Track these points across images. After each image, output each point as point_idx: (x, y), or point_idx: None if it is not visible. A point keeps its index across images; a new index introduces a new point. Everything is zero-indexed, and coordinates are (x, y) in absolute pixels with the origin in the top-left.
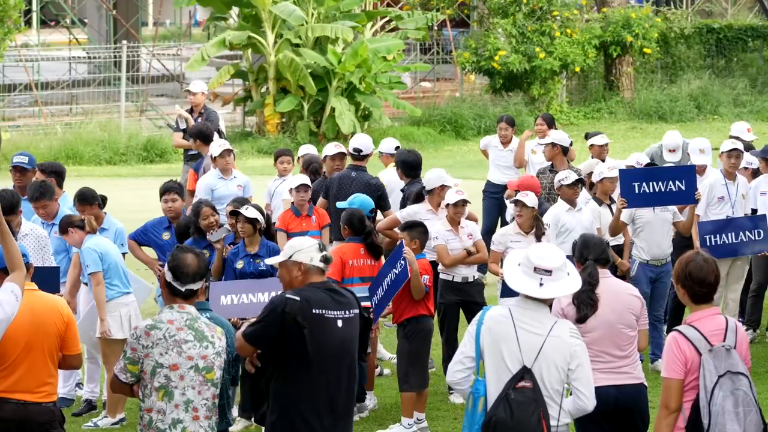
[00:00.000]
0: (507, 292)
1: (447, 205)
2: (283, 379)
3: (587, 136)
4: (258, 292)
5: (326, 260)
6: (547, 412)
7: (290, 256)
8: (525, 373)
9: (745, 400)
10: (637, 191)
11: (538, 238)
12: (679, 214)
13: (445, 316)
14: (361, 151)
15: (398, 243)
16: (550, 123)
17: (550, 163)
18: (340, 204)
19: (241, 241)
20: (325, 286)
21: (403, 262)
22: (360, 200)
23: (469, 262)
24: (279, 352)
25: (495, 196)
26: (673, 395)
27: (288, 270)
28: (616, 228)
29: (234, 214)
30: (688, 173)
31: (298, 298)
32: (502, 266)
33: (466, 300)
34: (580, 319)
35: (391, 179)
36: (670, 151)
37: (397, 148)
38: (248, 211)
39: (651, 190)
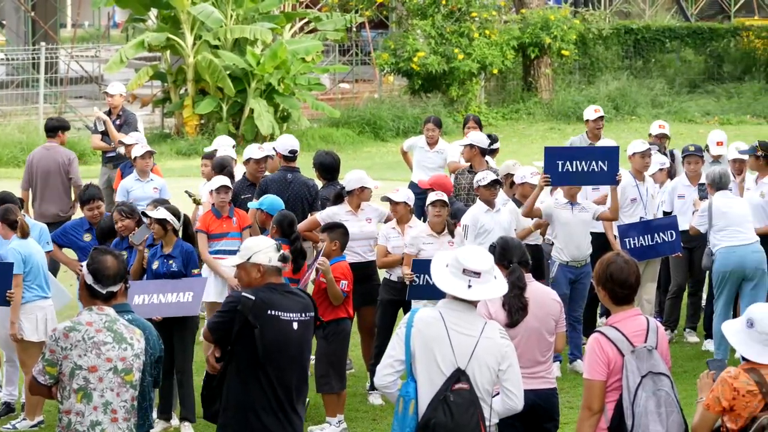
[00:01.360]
0: (414, 294)
1: (395, 204)
2: (236, 378)
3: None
4: (169, 293)
5: (284, 260)
6: (482, 413)
7: (249, 258)
8: (460, 374)
9: (667, 401)
10: (560, 169)
11: (452, 235)
12: (601, 208)
13: (382, 315)
14: (297, 151)
15: (315, 252)
16: (479, 125)
17: (469, 164)
18: (251, 204)
19: (159, 242)
20: (284, 287)
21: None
22: (270, 201)
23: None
24: (232, 350)
25: (420, 197)
26: (596, 396)
27: (246, 271)
28: (530, 208)
29: (145, 215)
30: (612, 154)
31: (252, 298)
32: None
33: (403, 299)
34: (511, 324)
35: None
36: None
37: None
38: (156, 212)
39: (574, 169)
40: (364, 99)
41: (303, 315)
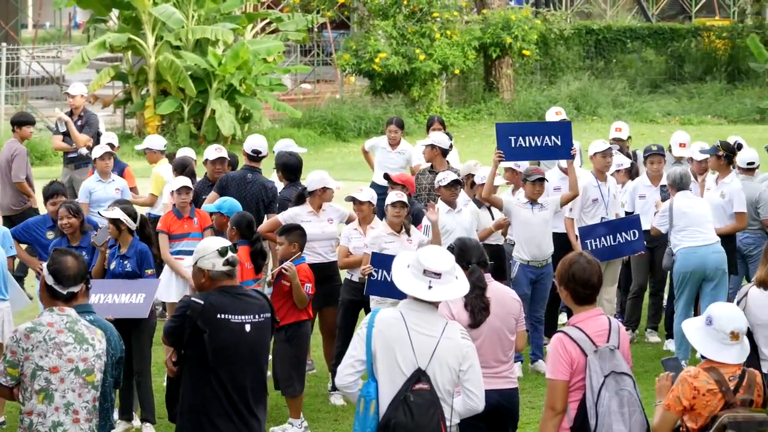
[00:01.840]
0: (372, 289)
1: (360, 204)
2: (190, 382)
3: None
4: (123, 293)
5: (230, 263)
6: (443, 413)
7: (195, 262)
8: (421, 375)
9: (629, 400)
10: (513, 145)
11: (409, 236)
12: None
13: (343, 315)
14: (260, 152)
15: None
16: (443, 125)
17: (430, 164)
18: (207, 207)
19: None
20: (236, 290)
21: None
22: (229, 204)
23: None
24: (185, 354)
25: (381, 197)
26: (559, 396)
27: (195, 276)
28: (489, 188)
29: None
30: (564, 129)
31: (201, 302)
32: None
33: (364, 300)
34: (474, 324)
35: None
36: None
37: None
38: (108, 212)
39: (527, 144)
40: (326, 99)
41: (257, 317)
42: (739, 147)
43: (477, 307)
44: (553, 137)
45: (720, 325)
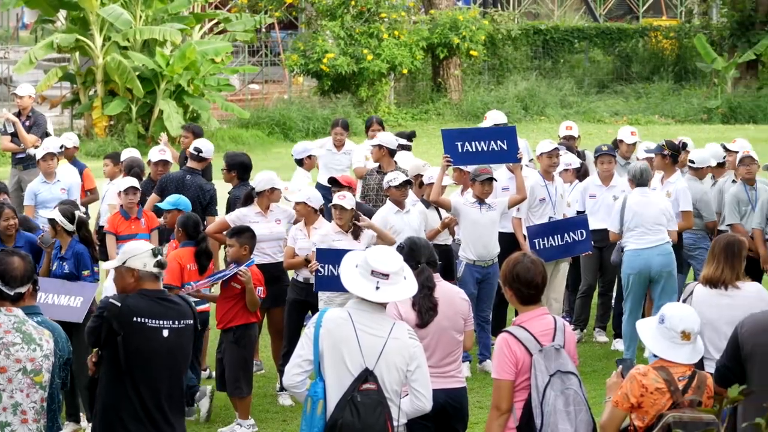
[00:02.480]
0: (321, 285)
1: (299, 205)
2: (104, 384)
3: None
4: (62, 294)
5: (160, 265)
6: (390, 414)
7: (124, 262)
8: (368, 375)
9: (575, 399)
10: (460, 150)
11: (356, 237)
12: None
13: (289, 315)
14: (201, 151)
15: (232, 266)
16: (382, 125)
17: (377, 164)
18: (163, 204)
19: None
20: (156, 294)
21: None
22: (185, 202)
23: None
24: (101, 355)
25: (329, 199)
26: (504, 396)
27: (122, 276)
28: (438, 190)
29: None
30: (509, 133)
31: (119, 304)
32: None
33: (310, 300)
34: (422, 324)
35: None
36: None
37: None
38: (47, 213)
39: (474, 149)
40: (274, 100)
41: (176, 323)
42: (684, 146)
43: (425, 307)
44: (498, 142)
45: (671, 324)
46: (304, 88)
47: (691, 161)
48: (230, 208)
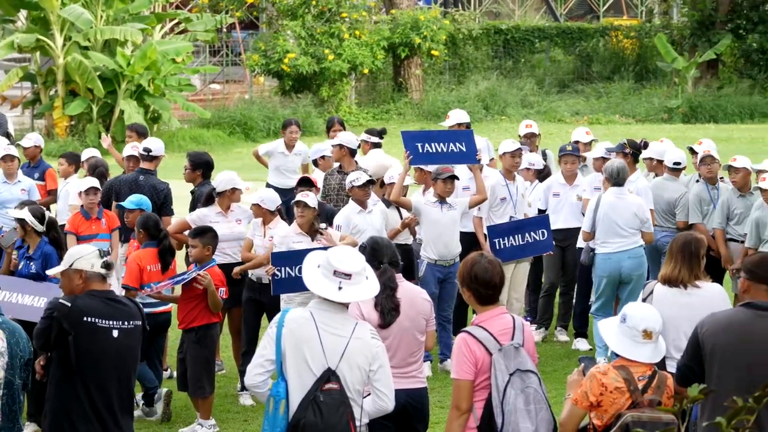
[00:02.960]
0: (279, 287)
1: (253, 206)
2: (54, 385)
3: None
4: (27, 294)
5: (107, 266)
6: (353, 413)
7: (71, 265)
8: (330, 374)
9: (535, 398)
10: (420, 150)
11: (314, 238)
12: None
13: (245, 315)
14: (150, 151)
15: (192, 267)
16: (343, 125)
17: (338, 164)
18: (126, 204)
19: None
20: (105, 294)
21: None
22: (146, 202)
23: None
24: (51, 356)
25: (281, 201)
26: (464, 396)
27: (69, 278)
28: (399, 189)
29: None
30: (466, 136)
31: (69, 304)
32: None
33: (264, 300)
34: (385, 325)
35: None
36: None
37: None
38: (16, 212)
39: (434, 150)
40: (235, 100)
41: (126, 323)
42: (645, 145)
43: (387, 308)
44: (457, 143)
45: (633, 322)
46: (265, 88)
47: (677, 163)
48: (196, 205)
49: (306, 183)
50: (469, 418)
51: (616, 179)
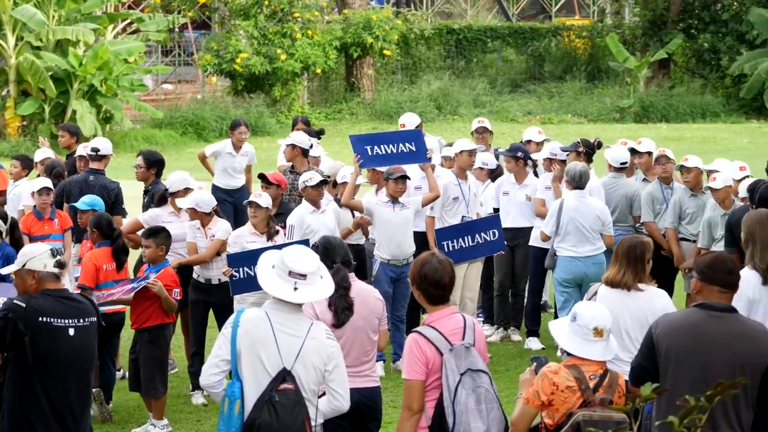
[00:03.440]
0: (237, 288)
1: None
2: (12, 386)
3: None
4: None
5: (60, 265)
6: (308, 414)
7: (24, 265)
8: (286, 374)
9: (487, 397)
10: (370, 153)
11: (270, 238)
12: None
13: (192, 316)
14: (99, 150)
15: (144, 269)
16: (308, 125)
17: (290, 163)
18: (79, 204)
19: None
20: (59, 293)
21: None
22: (99, 203)
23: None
24: (7, 357)
25: (228, 201)
26: (416, 396)
27: (22, 279)
28: (350, 192)
29: None
30: (416, 136)
31: (23, 305)
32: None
33: (211, 301)
34: (338, 324)
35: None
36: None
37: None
38: None
39: (383, 152)
40: (187, 100)
41: (81, 321)
42: (599, 145)
43: (341, 307)
44: (407, 144)
45: (583, 321)
46: (217, 88)
47: (624, 162)
48: (146, 206)
49: (263, 179)
50: (420, 418)
51: (578, 182)
